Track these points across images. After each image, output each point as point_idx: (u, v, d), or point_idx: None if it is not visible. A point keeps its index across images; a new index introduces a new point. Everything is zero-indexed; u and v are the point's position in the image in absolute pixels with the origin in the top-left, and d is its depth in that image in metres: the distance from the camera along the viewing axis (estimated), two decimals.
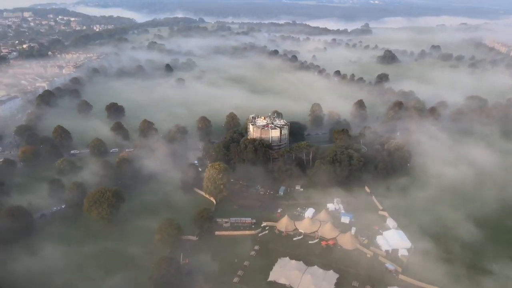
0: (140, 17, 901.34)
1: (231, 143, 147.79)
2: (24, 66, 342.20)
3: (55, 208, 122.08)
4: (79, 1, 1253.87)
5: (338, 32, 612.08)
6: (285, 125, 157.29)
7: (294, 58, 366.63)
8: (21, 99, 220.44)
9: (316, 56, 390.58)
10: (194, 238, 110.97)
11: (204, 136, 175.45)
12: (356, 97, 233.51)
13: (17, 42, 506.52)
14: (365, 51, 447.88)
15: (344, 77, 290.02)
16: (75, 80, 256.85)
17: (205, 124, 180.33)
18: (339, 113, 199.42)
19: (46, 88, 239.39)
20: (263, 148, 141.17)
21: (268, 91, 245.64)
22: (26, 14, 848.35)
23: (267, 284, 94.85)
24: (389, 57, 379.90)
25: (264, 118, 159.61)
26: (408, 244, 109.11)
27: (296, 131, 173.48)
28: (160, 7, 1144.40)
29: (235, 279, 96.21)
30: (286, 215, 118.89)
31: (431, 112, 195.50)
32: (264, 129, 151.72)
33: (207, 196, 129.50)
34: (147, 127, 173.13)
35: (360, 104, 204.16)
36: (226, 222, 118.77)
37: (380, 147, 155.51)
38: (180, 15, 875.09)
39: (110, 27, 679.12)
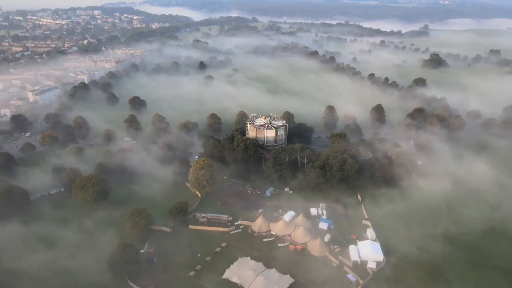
0: (198, 16, 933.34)
1: (226, 141, 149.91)
2: (78, 60, 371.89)
3: (53, 191, 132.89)
4: (145, 0, 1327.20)
5: (391, 33, 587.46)
6: (282, 126, 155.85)
7: (332, 59, 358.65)
8: (60, 90, 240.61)
9: (357, 58, 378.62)
10: (167, 229, 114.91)
11: (213, 133, 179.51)
12: (381, 101, 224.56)
13: (80, 38, 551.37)
14: (413, 54, 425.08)
15: (377, 80, 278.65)
16: (111, 74, 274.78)
17: (214, 121, 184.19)
18: (355, 116, 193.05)
19: (85, 81, 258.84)
20: (253, 147, 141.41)
21: (288, 92, 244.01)
22: (96, 12, 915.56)
23: (219, 282, 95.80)
24: (435, 61, 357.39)
25: (265, 118, 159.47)
26: (380, 257, 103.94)
27: (301, 133, 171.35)
28: (219, 6, 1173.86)
29: (191, 273, 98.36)
30: (261, 216, 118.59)
31: (455, 121, 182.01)
32: (260, 129, 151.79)
33: (193, 190, 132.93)
34: (158, 121, 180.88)
35: (378, 108, 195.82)
36: (203, 217, 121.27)
37: (382, 154, 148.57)
38: (235, 14, 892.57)
39: (166, 25, 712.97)
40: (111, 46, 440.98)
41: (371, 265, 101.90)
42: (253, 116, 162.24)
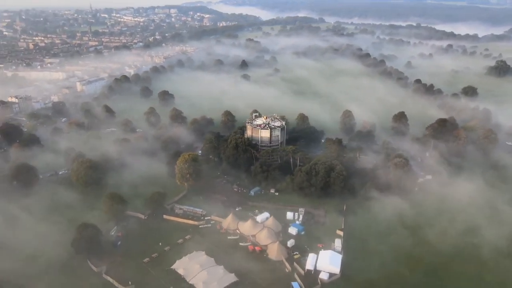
0: (267, 15, 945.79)
1: (221, 138, 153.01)
2: (138, 55, 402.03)
3: (62, 171, 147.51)
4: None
5: (465, 37, 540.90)
6: (279, 127, 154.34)
7: (381, 63, 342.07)
8: (106, 82, 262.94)
9: (412, 62, 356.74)
10: (142, 216, 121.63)
11: (226, 130, 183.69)
12: (415, 109, 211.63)
13: (149, 34, 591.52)
14: (481, 60, 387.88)
15: (420, 87, 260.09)
16: (154, 69, 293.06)
17: (228, 118, 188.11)
18: (374, 123, 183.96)
19: (131, 74, 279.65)
20: (244, 146, 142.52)
21: (315, 94, 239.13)
22: (172, 11, 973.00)
23: (167, 271, 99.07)
24: (501, 69, 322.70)
25: (266, 118, 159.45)
26: (336, 269, 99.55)
27: (308, 136, 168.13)
28: (291, 6, 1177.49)
29: (146, 259, 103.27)
30: (232, 214, 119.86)
31: (485, 134, 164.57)
32: (256, 128, 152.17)
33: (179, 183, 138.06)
34: (175, 115, 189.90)
35: (400, 116, 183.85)
36: (180, 209, 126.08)
37: (381, 165, 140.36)
38: (303, 14, 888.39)
39: (231, 24, 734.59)
40: (171, 43, 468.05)
41: (324, 276, 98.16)
42: (254, 115, 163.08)
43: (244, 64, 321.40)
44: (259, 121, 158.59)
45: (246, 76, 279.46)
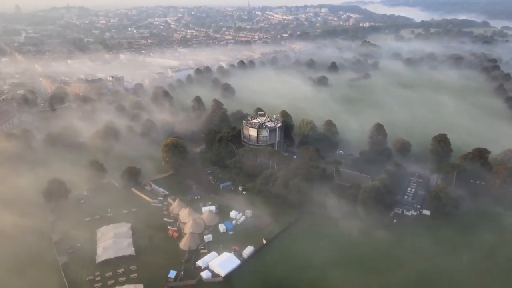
0: (423, 17, 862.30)
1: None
2: (250, 50, 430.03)
3: None
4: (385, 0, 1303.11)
5: None
6: (270, 127, 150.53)
7: (506, 77, 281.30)
8: (193, 71, 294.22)
9: None
10: (116, 184, 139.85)
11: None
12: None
13: (282, 32, 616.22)
14: None
15: None
16: (240, 64, 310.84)
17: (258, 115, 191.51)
18: (409, 142, 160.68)
19: (224, 66, 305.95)
20: (226, 140, 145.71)
21: (372, 105, 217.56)
22: (322, 10, 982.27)
23: (92, 232, 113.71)
24: None
25: (267, 118, 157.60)
26: (223, 272, 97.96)
27: (317, 143, 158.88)
28: (459, 7, 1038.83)
29: (88, 218, 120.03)
30: (178, 199, 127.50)
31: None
32: (245, 126, 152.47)
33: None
34: (215, 107, 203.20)
35: (439, 139, 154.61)
36: (149, 186, 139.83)
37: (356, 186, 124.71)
38: (464, 16, 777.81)
39: (377, 24, 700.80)
40: (289, 41, 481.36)
41: (206, 275, 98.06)
42: (258, 114, 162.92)
43: (333, 66, 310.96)
44: (257, 120, 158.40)
45: (323, 78, 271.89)
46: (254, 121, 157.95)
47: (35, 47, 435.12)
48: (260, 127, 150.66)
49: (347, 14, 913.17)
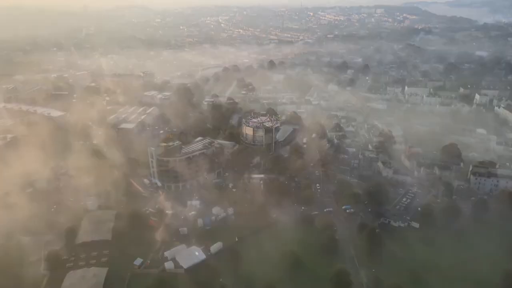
0: (490, 19, 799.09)
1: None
2: (285, 49, 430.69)
3: None
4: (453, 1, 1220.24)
5: None
6: (266, 127, 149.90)
7: None
8: (221, 69, 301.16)
9: None
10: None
11: None
12: None
13: (328, 33, 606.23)
14: None
15: None
16: (270, 64, 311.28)
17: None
18: (419, 152, 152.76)
19: (252, 65, 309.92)
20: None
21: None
22: (378, 11, 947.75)
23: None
24: None
25: (270, 119, 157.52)
26: (185, 265, 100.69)
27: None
28: None
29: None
30: (165, 192, 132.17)
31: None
32: (242, 125, 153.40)
33: None
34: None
35: (449, 150, 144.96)
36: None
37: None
38: None
39: (431, 25, 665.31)
40: (331, 42, 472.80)
41: (169, 266, 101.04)
42: (259, 114, 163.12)
43: (366, 68, 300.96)
44: (256, 119, 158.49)
45: (351, 81, 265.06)
46: (254, 120, 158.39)
47: (88, 44, 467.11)
48: (256, 126, 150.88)
49: (404, 15, 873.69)
